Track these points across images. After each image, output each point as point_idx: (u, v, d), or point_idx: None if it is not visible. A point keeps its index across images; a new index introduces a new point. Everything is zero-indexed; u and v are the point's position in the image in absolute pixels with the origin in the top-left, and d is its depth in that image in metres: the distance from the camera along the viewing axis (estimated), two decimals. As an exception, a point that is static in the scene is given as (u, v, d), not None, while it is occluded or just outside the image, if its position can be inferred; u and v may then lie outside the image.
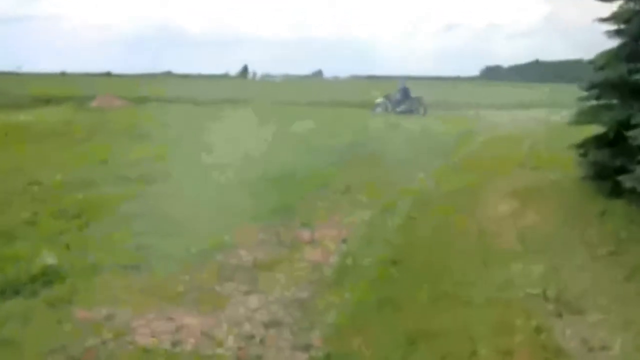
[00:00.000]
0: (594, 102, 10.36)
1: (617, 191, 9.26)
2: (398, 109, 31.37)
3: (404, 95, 32.33)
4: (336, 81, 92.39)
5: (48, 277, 6.46)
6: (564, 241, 8.02)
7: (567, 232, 8.37)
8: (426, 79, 69.15)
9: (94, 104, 33.47)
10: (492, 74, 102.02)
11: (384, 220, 9.35)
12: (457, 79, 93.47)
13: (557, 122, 19.62)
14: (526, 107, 36.18)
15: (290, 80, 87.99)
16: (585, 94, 10.40)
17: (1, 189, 10.63)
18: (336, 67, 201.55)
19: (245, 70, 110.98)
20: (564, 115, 13.77)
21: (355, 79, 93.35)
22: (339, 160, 14.94)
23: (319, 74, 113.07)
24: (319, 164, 14.02)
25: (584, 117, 10.42)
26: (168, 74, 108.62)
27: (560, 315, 5.91)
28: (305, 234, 8.46)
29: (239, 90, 46.41)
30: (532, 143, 18.02)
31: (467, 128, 23.66)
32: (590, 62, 10.52)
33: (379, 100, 32.64)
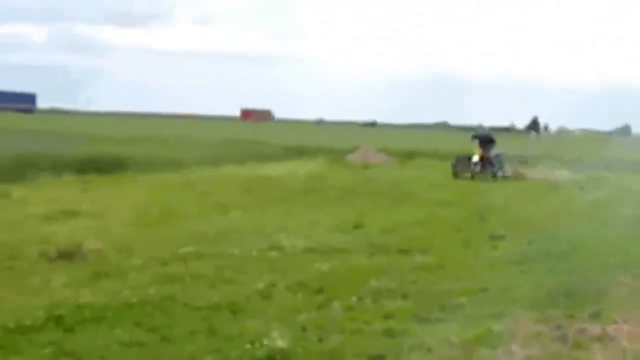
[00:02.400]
0: None
1: None
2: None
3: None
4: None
5: (275, 363, 6.57)
6: None
7: None
8: None
9: (352, 157, 34.96)
10: None
11: None
12: None
13: None
14: None
15: (591, 137, 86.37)
16: None
17: (238, 254, 11.25)
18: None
19: (535, 122, 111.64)
20: None
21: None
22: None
23: (625, 130, 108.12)
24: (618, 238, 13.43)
25: None
26: (443, 125, 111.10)
27: None
28: (594, 328, 7.89)
29: (531, 147, 45.72)
30: None
31: None
32: None
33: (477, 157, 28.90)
